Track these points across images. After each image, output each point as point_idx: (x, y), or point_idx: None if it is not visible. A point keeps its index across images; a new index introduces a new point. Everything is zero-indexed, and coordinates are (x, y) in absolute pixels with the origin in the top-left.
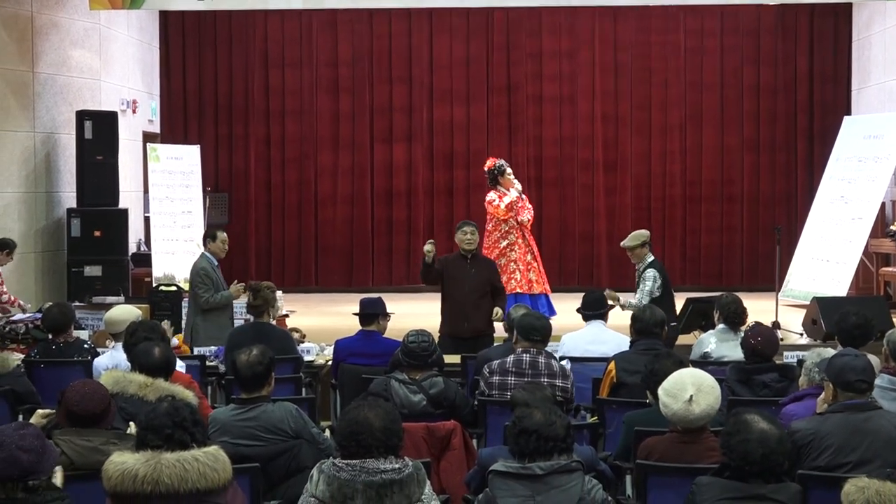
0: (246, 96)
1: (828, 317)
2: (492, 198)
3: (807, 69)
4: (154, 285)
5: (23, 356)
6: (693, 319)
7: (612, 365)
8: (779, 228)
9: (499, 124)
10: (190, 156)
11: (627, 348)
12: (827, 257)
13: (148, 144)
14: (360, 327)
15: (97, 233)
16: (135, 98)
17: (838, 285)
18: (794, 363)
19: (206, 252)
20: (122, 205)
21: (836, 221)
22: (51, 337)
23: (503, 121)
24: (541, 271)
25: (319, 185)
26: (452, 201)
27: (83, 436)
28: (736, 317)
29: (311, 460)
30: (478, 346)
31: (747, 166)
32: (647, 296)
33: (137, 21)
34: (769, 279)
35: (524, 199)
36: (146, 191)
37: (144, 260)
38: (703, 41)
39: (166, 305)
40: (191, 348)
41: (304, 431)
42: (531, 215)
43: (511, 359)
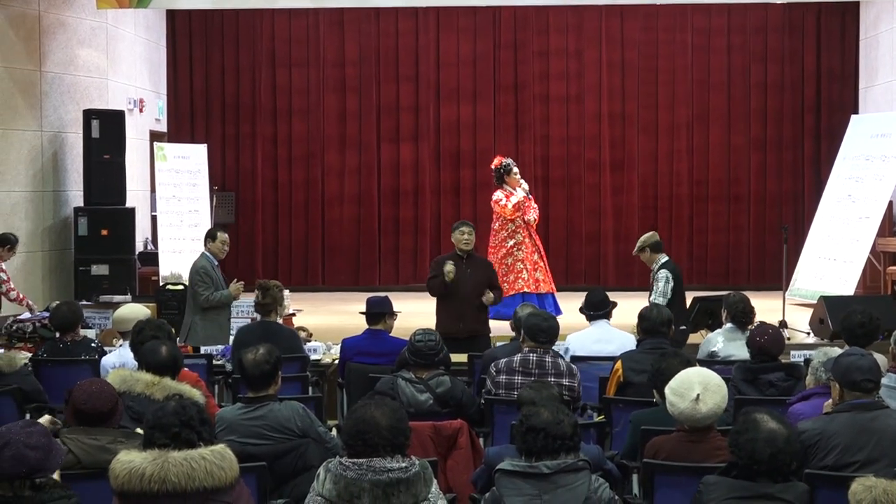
0: (253, 95)
1: (835, 316)
2: (498, 197)
3: (814, 68)
4: (161, 284)
5: (30, 355)
6: (700, 318)
7: (618, 364)
8: (786, 227)
9: (505, 123)
10: (197, 155)
11: (633, 347)
12: (834, 256)
13: (155, 143)
14: (366, 326)
15: (104, 232)
16: (142, 97)
17: (845, 284)
18: (801, 362)
19: (206, 252)
20: (129, 204)
21: (844, 220)
22: (58, 336)
23: (510, 120)
24: (547, 271)
25: (326, 185)
26: (459, 200)
27: (90, 434)
28: (744, 316)
29: (318, 459)
30: (473, 347)
31: (754, 165)
32: (661, 296)
33: (144, 20)
34: (776, 278)
35: (530, 199)
36: (153, 190)
37: (151, 259)
38: (710, 40)
39: (173, 304)
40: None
41: (310, 430)
42: (537, 215)
43: (518, 358)
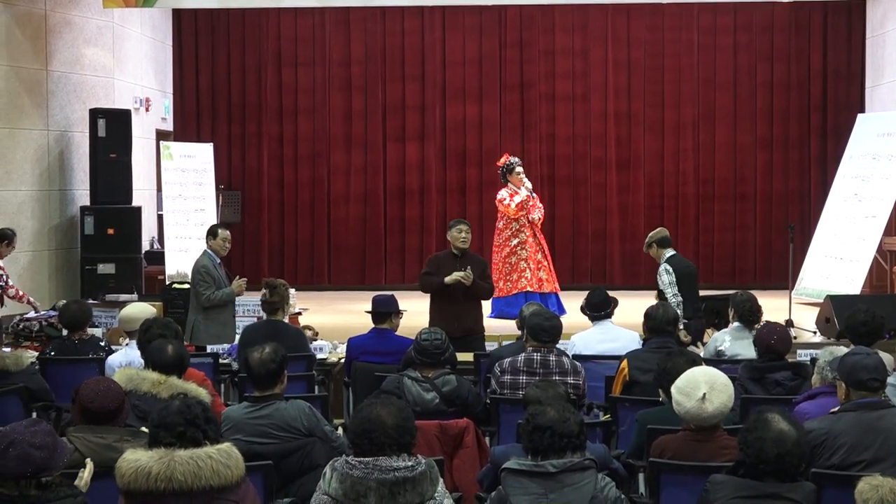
0: (259, 94)
1: (841, 315)
2: (503, 196)
3: (820, 66)
4: (167, 283)
5: (36, 354)
6: (707, 317)
7: (624, 363)
8: (792, 226)
9: (511, 122)
10: (203, 154)
11: (638, 346)
12: (840, 255)
13: (161, 142)
14: (372, 325)
15: (110, 231)
16: (148, 96)
17: (852, 283)
18: (808, 361)
19: (208, 249)
20: (135, 203)
21: (850, 219)
22: (66, 334)
23: (516, 118)
24: (551, 270)
25: (332, 184)
26: (465, 199)
27: (97, 433)
28: (751, 315)
29: (324, 458)
30: (468, 346)
31: (760, 164)
32: (669, 288)
33: (151, 19)
34: (782, 277)
35: (535, 198)
36: (159, 189)
37: (157, 258)
38: (716, 38)
39: (179, 303)
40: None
41: (316, 429)
42: (542, 213)
43: (522, 358)
